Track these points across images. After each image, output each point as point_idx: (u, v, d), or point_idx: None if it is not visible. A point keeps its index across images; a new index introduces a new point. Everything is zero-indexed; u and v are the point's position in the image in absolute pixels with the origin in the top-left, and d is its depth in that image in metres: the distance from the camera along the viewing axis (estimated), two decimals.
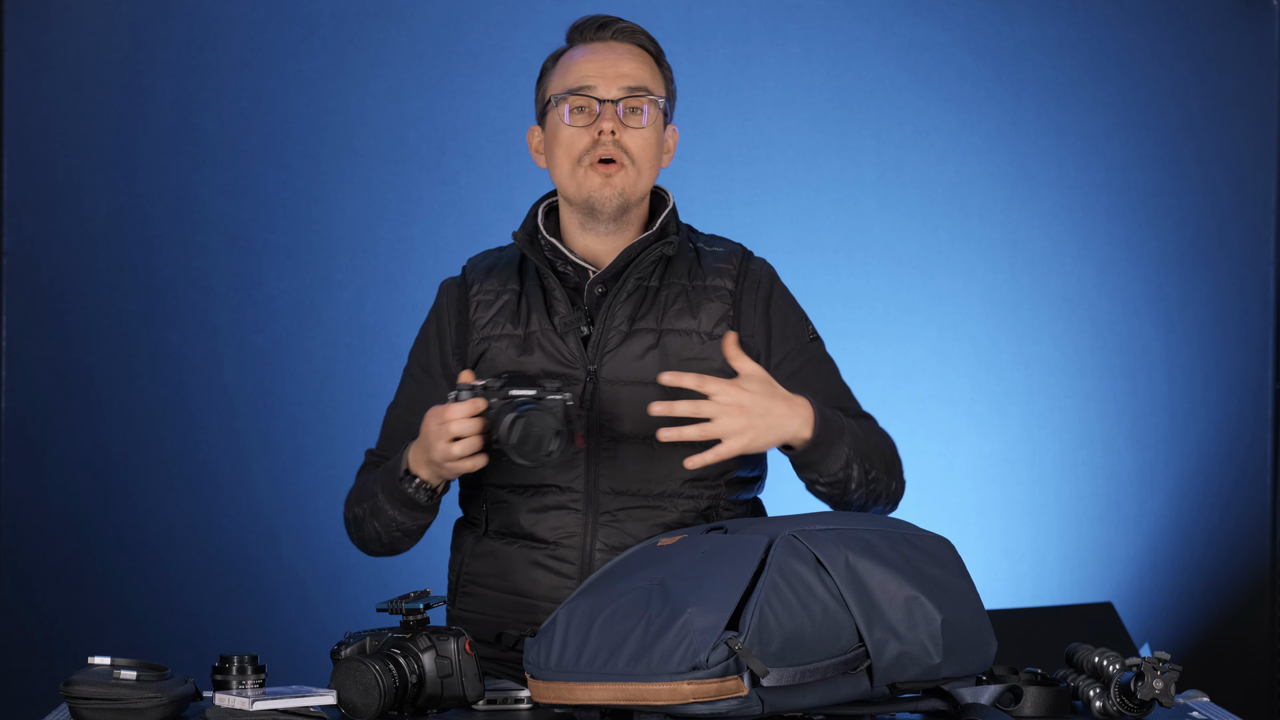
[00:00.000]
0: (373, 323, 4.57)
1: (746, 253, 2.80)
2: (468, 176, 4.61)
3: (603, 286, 2.72)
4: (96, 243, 4.54)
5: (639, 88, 2.70)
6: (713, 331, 2.71)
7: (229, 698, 2.27)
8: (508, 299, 2.75)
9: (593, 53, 2.73)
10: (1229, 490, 4.80)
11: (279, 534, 4.56)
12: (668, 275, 2.74)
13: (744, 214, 4.63)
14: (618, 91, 2.70)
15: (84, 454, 4.53)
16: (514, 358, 2.71)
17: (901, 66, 4.74)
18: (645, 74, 2.72)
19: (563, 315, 2.71)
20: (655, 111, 2.72)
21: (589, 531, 2.67)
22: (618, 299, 2.71)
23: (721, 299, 2.73)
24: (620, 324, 2.70)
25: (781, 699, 2.21)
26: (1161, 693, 2.25)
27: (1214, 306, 4.80)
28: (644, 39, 2.76)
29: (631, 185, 2.70)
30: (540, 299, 2.74)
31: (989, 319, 4.75)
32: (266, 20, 4.58)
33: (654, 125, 2.71)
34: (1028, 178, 4.77)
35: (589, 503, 2.68)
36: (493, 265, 2.80)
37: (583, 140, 2.69)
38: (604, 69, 2.70)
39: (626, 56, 2.73)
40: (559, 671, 2.27)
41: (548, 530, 2.68)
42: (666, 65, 2.78)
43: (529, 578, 2.69)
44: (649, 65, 2.74)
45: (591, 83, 2.70)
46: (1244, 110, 4.80)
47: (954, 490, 4.70)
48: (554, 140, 2.72)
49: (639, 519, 2.67)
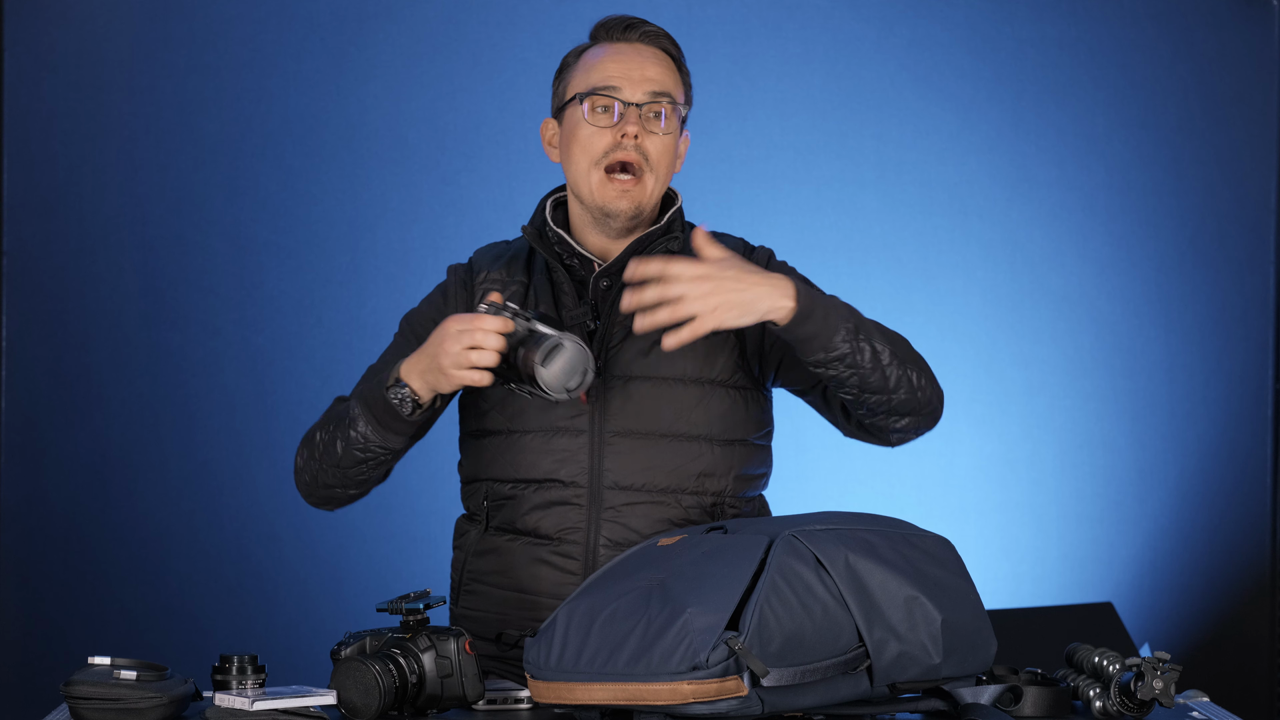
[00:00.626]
0: (373, 323, 4.56)
1: (748, 247, 2.80)
2: (468, 176, 4.61)
3: (608, 280, 2.71)
4: (96, 243, 4.54)
5: (663, 92, 2.71)
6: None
7: (229, 698, 2.27)
8: (515, 289, 2.75)
9: (618, 53, 2.72)
10: (1229, 490, 4.80)
11: (279, 534, 4.56)
12: None
13: (744, 214, 4.63)
14: (642, 95, 2.70)
15: (84, 454, 4.53)
16: None
17: (901, 66, 4.74)
18: (669, 79, 2.73)
19: (569, 309, 2.70)
20: (675, 118, 2.72)
21: (593, 526, 2.67)
22: (623, 292, 2.70)
23: None
24: (625, 319, 2.70)
25: (781, 699, 2.21)
26: (1161, 693, 2.25)
27: (1214, 306, 4.80)
28: (668, 44, 2.76)
29: (647, 197, 2.70)
30: (549, 292, 2.73)
31: (989, 319, 4.75)
32: (266, 20, 4.58)
33: (673, 131, 2.72)
34: (1028, 178, 4.77)
35: (592, 498, 2.67)
36: (500, 254, 2.80)
37: (603, 141, 2.69)
38: (629, 71, 2.70)
39: (651, 60, 2.73)
40: (559, 671, 2.27)
41: (551, 526, 2.68)
42: (686, 71, 2.78)
43: (532, 574, 2.68)
44: (672, 71, 2.74)
45: (616, 83, 2.69)
46: (1244, 110, 4.80)
47: (954, 490, 4.70)
48: (572, 137, 2.72)
49: (642, 514, 2.67)
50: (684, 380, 2.69)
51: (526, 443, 2.69)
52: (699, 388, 2.70)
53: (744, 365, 2.73)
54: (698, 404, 2.68)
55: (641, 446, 2.67)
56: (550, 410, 2.67)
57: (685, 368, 2.69)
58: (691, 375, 2.69)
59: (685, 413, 2.67)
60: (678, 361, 2.68)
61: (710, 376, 2.70)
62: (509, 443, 2.70)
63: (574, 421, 2.68)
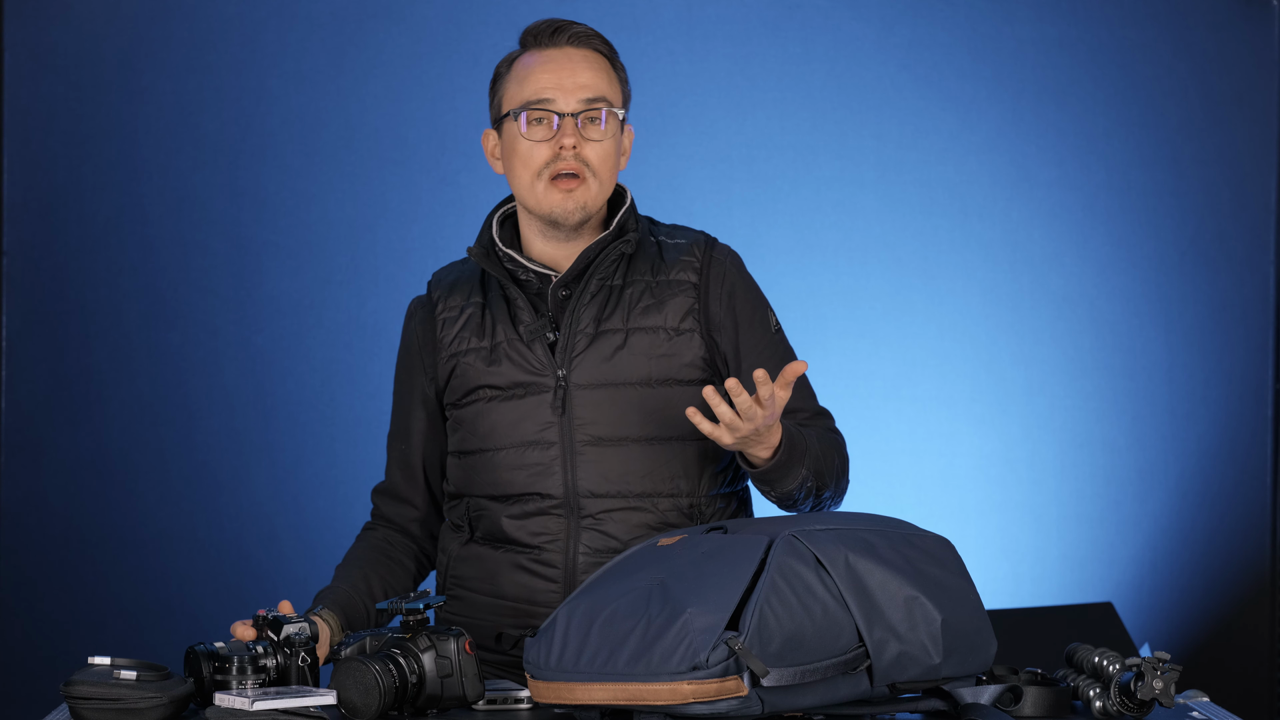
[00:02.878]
0: (373, 323, 4.57)
1: (709, 241, 2.78)
2: (468, 176, 4.61)
3: (566, 290, 2.71)
4: (96, 243, 4.54)
5: (597, 98, 2.69)
6: (679, 326, 2.70)
7: (229, 698, 2.27)
8: (471, 312, 2.75)
9: (549, 60, 2.71)
10: (1229, 490, 4.80)
11: (279, 534, 4.56)
12: (630, 273, 2.73)
13: (744, 214, 4.63)
14: (576, 104, 2.68)
15: (84, 454, 4.53)
16: (483, 370, 2.71)
17: (901, 66, 4.74)
18: (603, 82, 2.70)
19: (527, 324, 2.70)
20: (613, 121, 2.71)
21: (572, 535, 2.68)
22: (581, 301, 2.70)
23: (686, 293, 2.72)
24: (586, 326, 2.69)
25: (781, 699, 2.21)
26: (1161, 693, 2.25)
27: (1214, 306, 4.80)
28: (599, 43, 2.73)
29: (593, 198, 2.69)
30: (504, 309, 2.73)
31: (989, 319, 4.75)
32: (266, 20, 4.58)
33: (612, 135, 2.70)
34: (1028, 178, 4.77)
35: (569, 507, 2.68)
36: (455, 280, 2.79)
37: (542, 154, 2.68)
38: (561, 80, 2.69)
39: (583, 65, 2.71)
40: (559, 671, 2.27)
41: (530, 535, 2.69)
42: (621, 66, 2.75)
43: (514, 581, 2.70)
44: (605, 71, 2.72)
45: (549, 94, 2.68)
46: (1244, 110, 4.80)
47: (954, 490, 4.70)
48: (512, 152, 2.71)
49: (620, 520, 2.67)
50: (648, 383, 2.69)
51: (501, 459, 2.70)
52: (665, 388, 2.69)
53: (709, 360, 2.72)
54: (664, 404, 2.68)
55: (612, 453, 2.67)
56: (519, 425, 2.68)
57: (648, 369, 2.68)
58: (655, 376, 2.69)
59: (652, 415, 2.68)
60: (640, 365, 2.68)
61: (672, 375, 2.70)
62: (484, 460, 2.72)
63: (544, 434, 2.68)
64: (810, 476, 2.62)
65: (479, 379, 2.71)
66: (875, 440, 4.64)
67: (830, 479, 2.67)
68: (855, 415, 4.50)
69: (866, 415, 4.64)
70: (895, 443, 4.69)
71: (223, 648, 2.35)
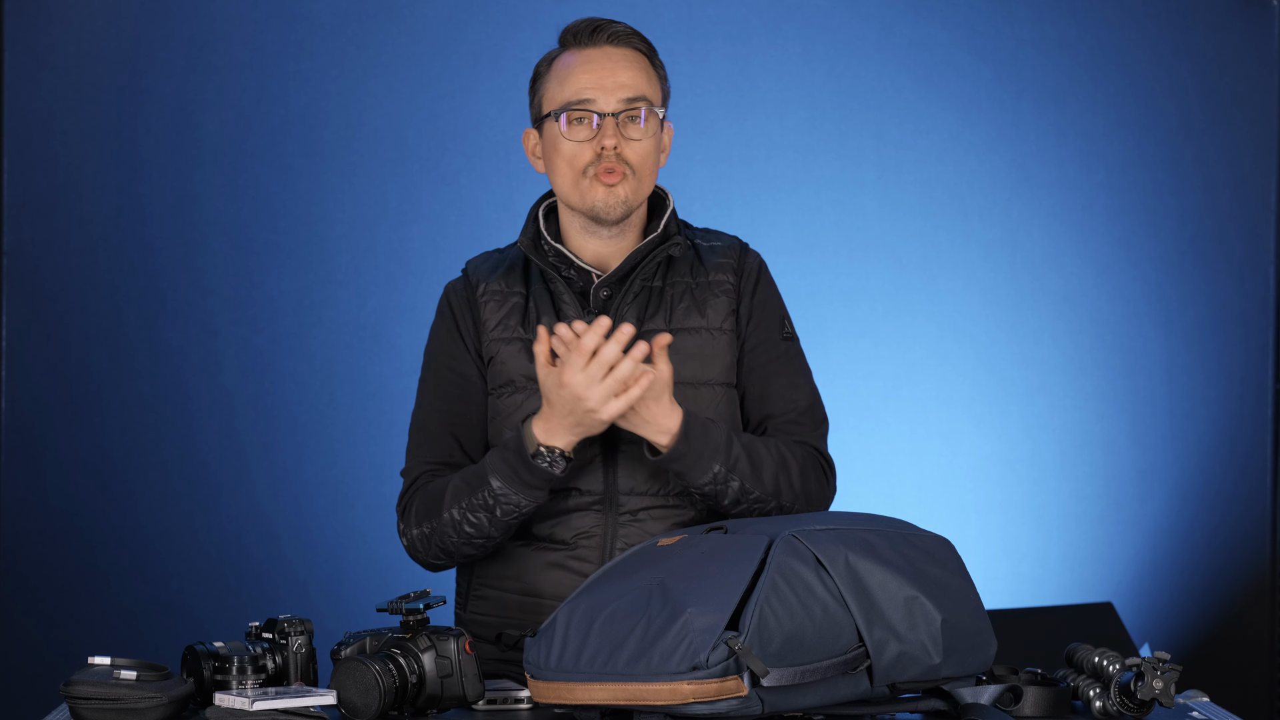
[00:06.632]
0: (373, 323, 4.57)
1: (743, 245, 2.80)
2: (468, 176, 4.61)
3: (608, 290, 2.71)
4: (96, 243, 4.55)
5: (637, 97, 2.69)
6: (721, 326, 2.72)
7: (229, 697, 2.27)
8: (515, 301, 2.75)
9: (588, 60, 2.71)
10: (1229, 490, 4.80)
11: (279, 534, 4.56)
12: (670, 274, 2.74)
13: (744, 214, 4.63)
14: (616, 104, 2.69)
15: (84, 454, 4.53)
16: (524, 362, 2.71)
17: (901, 66, 4.74)
18: (642, 81, 2.71)
19: (572, 320, 2.70)
20: (653, 119, 2.71)
21: (610, 531, 2.67)
22: (625, 301, 2.71)
23: (726, 294, 2.74)
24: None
25: (781, 699, 2.21)
26: (1161, 693, 2.25)
27: (1214, 306, 4.80)
28: (639, 41, 2.74)
29: (634, 194, 2.70)
30: (549, 302, 2.73)
31: (989, 319, 4.75)
32: (266, 20, 4.58)
33: (652, 134, 2.71)
34: (1028, 178, 4.77)
35: (608, 503, 2.68)
36: (496, 265, 2.79)
37: (585, 154, 2.68)
38: (601, 79, 2.69)
39: (622, 64, 2.71)
40: (559, 671, 2.27)
41: (567, 532, 2.68)
42: (660, 63, 2.77)
43: (548, 579, 2.69)
44: (645, 69, 2.73)
45: (590, 95, 2.69)
46: (1244, 110, 4.80)
47: (954, 490, 4.70)
48: (554, 151, 2.71)
49: (659, 518, 2.68)
50: (689, 383, 2.69)
51: None
52: (709, 390, 2.70)
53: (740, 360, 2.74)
54: (705, 406, 2.69)
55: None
56: None
57: (691, 369, 2.69)
58: (694, 378, 2.70)
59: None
60: (680, 365, 2.68)
61: (710, 378, 2.71)
62: None
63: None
64: (729, 475, 2.60)
65: (519, 369, 2.71)
66: (875, 440, 4.64)
67: (769, 486, 2.64)
68: (855, 415, 4.52)
69: (866, 415, 4.64)
70: (895, 443, 4.69)
71: (222, 648, 2.35)
